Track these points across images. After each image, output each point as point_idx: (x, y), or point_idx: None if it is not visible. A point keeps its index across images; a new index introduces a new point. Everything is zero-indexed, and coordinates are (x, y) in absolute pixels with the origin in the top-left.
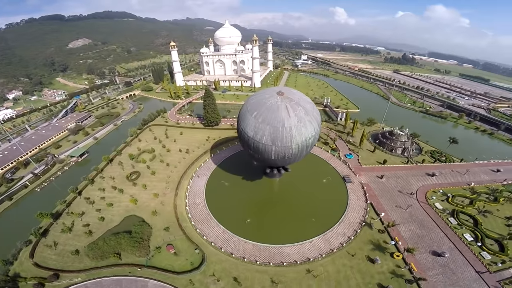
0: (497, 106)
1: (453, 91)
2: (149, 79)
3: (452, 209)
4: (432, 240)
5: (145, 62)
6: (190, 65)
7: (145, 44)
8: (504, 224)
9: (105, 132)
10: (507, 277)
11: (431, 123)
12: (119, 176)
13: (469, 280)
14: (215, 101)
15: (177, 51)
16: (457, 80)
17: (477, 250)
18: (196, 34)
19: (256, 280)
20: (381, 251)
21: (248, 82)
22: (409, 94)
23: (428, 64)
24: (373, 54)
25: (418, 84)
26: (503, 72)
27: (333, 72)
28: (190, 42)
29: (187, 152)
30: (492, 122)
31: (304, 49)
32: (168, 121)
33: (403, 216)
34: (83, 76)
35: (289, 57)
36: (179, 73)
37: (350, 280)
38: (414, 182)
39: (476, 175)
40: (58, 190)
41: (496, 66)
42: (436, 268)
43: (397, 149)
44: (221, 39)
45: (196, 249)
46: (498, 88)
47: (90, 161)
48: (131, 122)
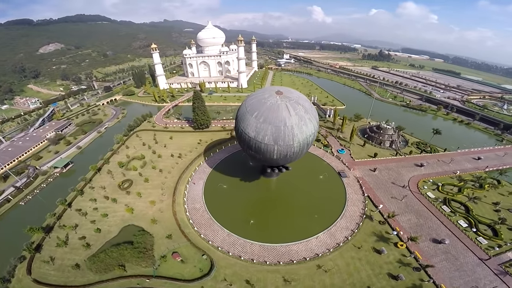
0: (470, 98)
1: (429, 85)
2: (129, 83)
3: (443, 198)
4: (431, 228)
5: (123, 65)
6: (171, 67)
7: (122, 48)
8: (493, 210)
9: (89, 140)
10: (506, 260)
11: (413, 116)
12: (110, 185)
13: (472, 264)
14: (204, 103)
15: (158, 53)
16: (432, 75)
17: (473, 235)
18: (175, 36)
19: (269, 281)
20: (385, 242)
21: (234, 83)
22: (389, 89)
23: (403, 59)
24: (351, 51)
25: (397, 79)
26: (471, 65)
27: (316, 70)
28: (169, 44)
29: (179, 156)
30: (467, 113)
31: (286, 48)
32: (156, 125)
33: (399, 206)
34: (57, 82)
35: (272, 57)
36: (161, 76)
37: (361, 272)
38: (405, 173)
39: (460, 164)
40: (45, 203)
41: (465, 60)
42: (439, 255)
43: (385, 142)
44: (205, 40)
45: (204, 255)
46: (468, 81)
47: (76, 171)
48: (116, 129)
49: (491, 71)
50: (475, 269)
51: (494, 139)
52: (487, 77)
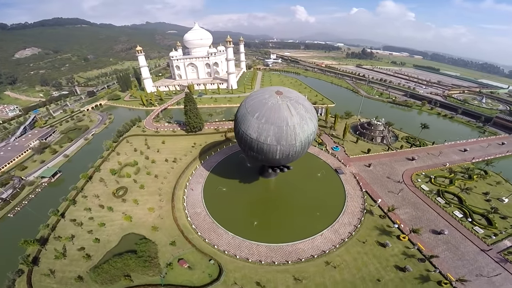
0: (451, 93)
1: (412, 81)
2: (113, 87)
3: (437, 190)
4: (429, 220)
5: (106, 69)
6: (157, 70)
7: (104, 51)
8: (484, 200)
9: (76, 148)
10: (504, 248)
11: (399, 111)
12: (104, 193)
13: (473, 253)
14: (196, 106)
15: (144, 55)
16: (413, 71)
17: (469, 225)
18: (158, 39)
19: (279, 281)
20: (388, 235)
21: (224, 84)
22: (375, 86)
23: (384, 57)
24: (335, 50)
25: (381, 76)
26: (448, 61)
27: (303, 69)
28: (153, 47)
29: (174, 161)
30: (450, 107)
31: (272, 48)
32: (146, 130)
33: (396, 200)
34: (36, 88)
35: (259, 57)
36: (148, 79)
37: (368, 266)
38: (398, 167)
39: (448, 156)
40: (35, 214)
41: (442, 56)
42: (440, 246)
43: (377, 138)
44: (192, 42)
45: (211, 260)
46: (448, 77)
47: (65, 180)
48: (104, 135)
49: (467, 67)
50: (476, 258)
51: (477, 131)
52: (464, 72)
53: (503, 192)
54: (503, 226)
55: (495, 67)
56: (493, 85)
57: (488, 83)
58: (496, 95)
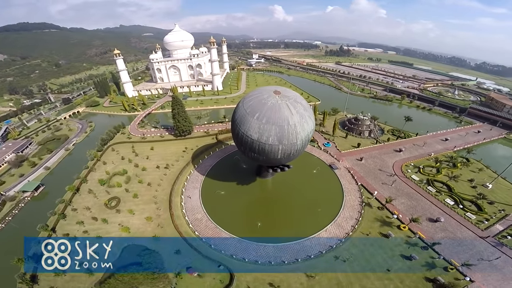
0: (426, 86)
1: (389, 76)
2: (91, 93)
3: (426, 179)
4: (424, 208)
5: (80, 75)
6: (135, 73)
7: (76, 56)
8: (470, 186)
9: (57, 160)
10: (497, 232)
11: (381, 106)
12: (95, 205)
13: (471, 239)
14: (184, 109)
15: (122, 59)
16: (389, 67)
17: (462, 212)
18: (134, 42)
19: (292, 279)
20: (389, 226)
21: (208, 86)
22: (356, 83)
23: (361, 54)
24: (313, 48)
25: (360, 73)
26: (419, 56)
27: (286, 68)
28: (129, 50)
29: (166, 167)
30: (427, 100)
31: (253, 48)
32: (132, 137)
33: (391, 191)
34: (5, 97)
35: (242, 58)
36: (128, 83)
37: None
38: (387, 159)
39: (432, 146)
40: (22, 231)
41: (414, 51)
42: (438, 233)
43: (364, 132)
44: (173, 44)
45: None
46: (421, 71)
47: (50, 193)
48: (86, 144)
49: (437, 60)
50: (474, 243)
51: (453, 122)
52: (435, 66)
53: (486, 178)
54: (492, 211)
55: (463, 60)
56: (463, 78)
57: (458, 76)
58: (467, 87)
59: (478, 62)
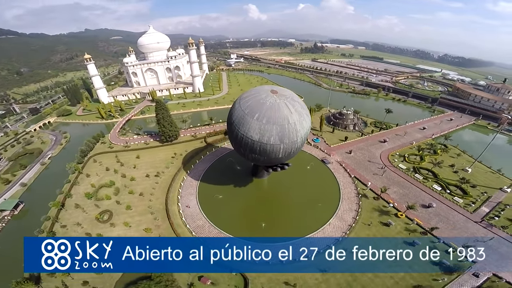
0: (398, 79)
1: (363, 71)
2: (60, 101)
3: (412, 167)
4: (415, 196)
5: (46, 82)
6: (108, 78)
7: (39, 63)
8: (452, 172)
9: (33, 175)
10: (484, 214)
11: (360, 100)
12: (85, 220)
13: (463, 222)
14: (169, 113)
15: (93, 64)
16: (361, 62)
17: (449, 197)
18: (102, 46)
19: (306, 276)
20: (387, 215)
21: (189, 88)
22: (334, 78)
23: (334, 50)
24: (289, 46)
25: (336, 69)
26: (387, 50)
27: (266, 67)
28: (98, 55)
29: (157, 175)
30: (401, 92)
31: (229, 48)
32: (114, 146)
33: (382, 181)
34: None
35: (220, 58)
36: (102, 89)
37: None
38: (374, 150)
39: (412, 135)
40: (9, 252)
41: (382, 46)
42: (433, 218)
43: (349, 126)
44: (148, 46)
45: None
46: (391, 64)
47: (31, 211)
48: (63, 157)
49: (404, 54)
50: (466, 226)
51: (427, 111)
52: (403, 59)
53: (465, 163)
54: (476, 194)
55: (426, 53)
56: (429, 70)
57: (425, 68)
58: (434, 78)
59: (440, 55)
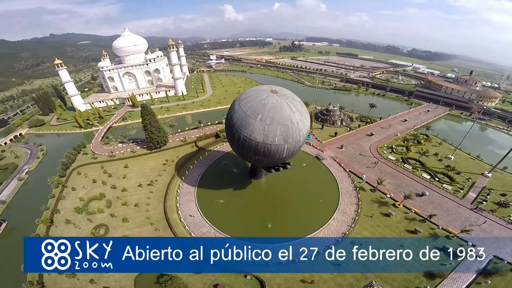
0: (374, 74)
1: (341, 68)
2: (30, 111)
3: (401, 158)
4: (408, 185)
5: (11, 91)
6: (80, 84)
7: (1, 71)
8: (437, 160)
9: (12, 192)
10: (472, 200)
11: (342, 96)
12: (80, 236)
13: (455, 208)
14: (156, 118)
15: (66, 69)
16: (338, 59)
17: (439, 184)
18: (71, 51)
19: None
20: (386, 206)
21: (171, 91)
22: (315, 76)
23: (310, 48)
24: (268, 45)
25: (316, 66)
26: (360, 47)
27: (248, 67)
28: (66, 61)
29: (150, 184)
30: (379, 87)
31: (207, 49)
32: (97, 156)
33: (376, 173)
34: None
35: (199, 59)
36: (77, 96)
37: (386, 235)
38: (363, 144)
39: (396, 127)
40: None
41: (354, 42)
42: (428, 206)
43: (337, 121)
44: (124, 49)
45: (247, 276)
46: (366, 60)
47: (16, 229)
48: (42, 171)
49: (375, 50)
50: (459, 212)
51: (405, 104)
52: (376, 55)
53: (447, 151)
54: (461, 181)
55: (396, 48)
56: (401, 64)
57: (397, 63)
58: (406, 72)
59: (409, 49)
